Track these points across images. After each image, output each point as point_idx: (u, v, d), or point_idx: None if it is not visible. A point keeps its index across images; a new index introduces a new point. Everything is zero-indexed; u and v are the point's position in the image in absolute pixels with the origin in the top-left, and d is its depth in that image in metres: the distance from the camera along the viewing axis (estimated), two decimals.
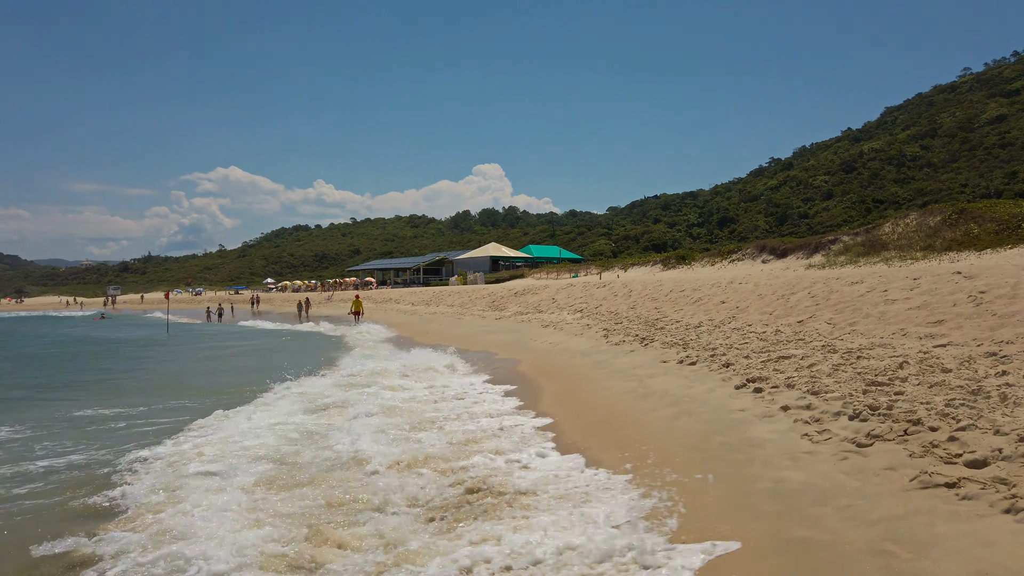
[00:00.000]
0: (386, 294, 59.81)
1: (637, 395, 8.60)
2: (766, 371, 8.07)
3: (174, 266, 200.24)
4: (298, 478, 6.35)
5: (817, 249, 36.12)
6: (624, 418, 7.51)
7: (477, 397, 10.22)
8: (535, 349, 15.61)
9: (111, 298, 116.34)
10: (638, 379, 9.50)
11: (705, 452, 5.78)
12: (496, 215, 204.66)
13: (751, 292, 15.97)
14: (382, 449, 7.06)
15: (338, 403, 10.14)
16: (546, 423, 8.03)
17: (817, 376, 7.25)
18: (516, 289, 38.72)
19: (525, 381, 11.27)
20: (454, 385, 11.55)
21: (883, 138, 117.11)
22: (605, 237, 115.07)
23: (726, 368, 8.79)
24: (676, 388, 8.43)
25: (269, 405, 10.32)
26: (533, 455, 6.52)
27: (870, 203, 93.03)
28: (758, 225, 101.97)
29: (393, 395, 10.67)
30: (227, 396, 11.68)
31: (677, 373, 9.30)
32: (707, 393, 7.76)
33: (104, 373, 17.39)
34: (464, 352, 16.30)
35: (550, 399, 9.39)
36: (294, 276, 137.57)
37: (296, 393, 11.28)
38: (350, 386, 11.85)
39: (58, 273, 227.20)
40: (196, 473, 6.56)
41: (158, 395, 12.30)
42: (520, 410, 8.97)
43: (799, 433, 5.69)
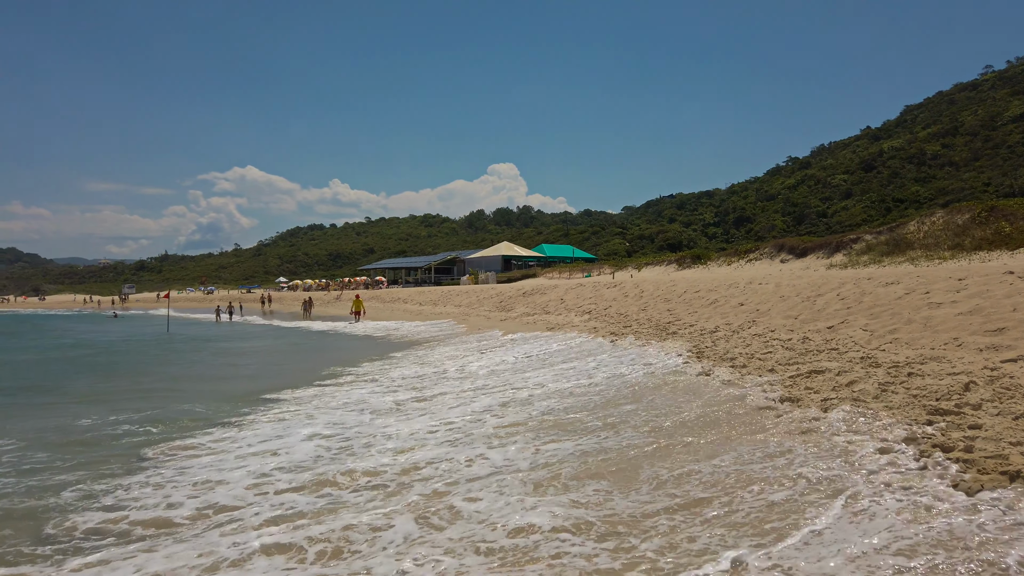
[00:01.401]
0: (395, 293, 58.79)
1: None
2: (796, 389, 6.75)
3: (190, 265, 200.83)
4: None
5: (838, 248, 34.76)
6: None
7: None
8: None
9: (124, 296, 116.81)
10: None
11: (729, 501, 4.47)
12: (510, 214, 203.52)
13: (772, 293, 14.60)
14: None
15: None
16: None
17: (862, 398, 5.92)
18: (525, 289, 37.46)
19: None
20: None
21: (903, 136, 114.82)
22: (619, 236, 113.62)
23: (751, 376, 7.48)
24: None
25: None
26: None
27: (890, 202, 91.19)
28: (775, 224, 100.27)
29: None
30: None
31: (696, 383, 8.01)
32: (727, 414, 6.46)
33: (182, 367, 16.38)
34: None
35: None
36: (308, 275, 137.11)
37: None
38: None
39: (76, 272, 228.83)
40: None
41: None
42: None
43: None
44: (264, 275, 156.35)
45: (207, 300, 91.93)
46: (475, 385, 10.84)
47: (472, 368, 13.02)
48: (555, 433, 6.90)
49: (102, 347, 27.46)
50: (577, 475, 5.37)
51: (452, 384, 11.19)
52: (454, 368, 13.22)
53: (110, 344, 28.96)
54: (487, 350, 16.31)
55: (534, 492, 5.09)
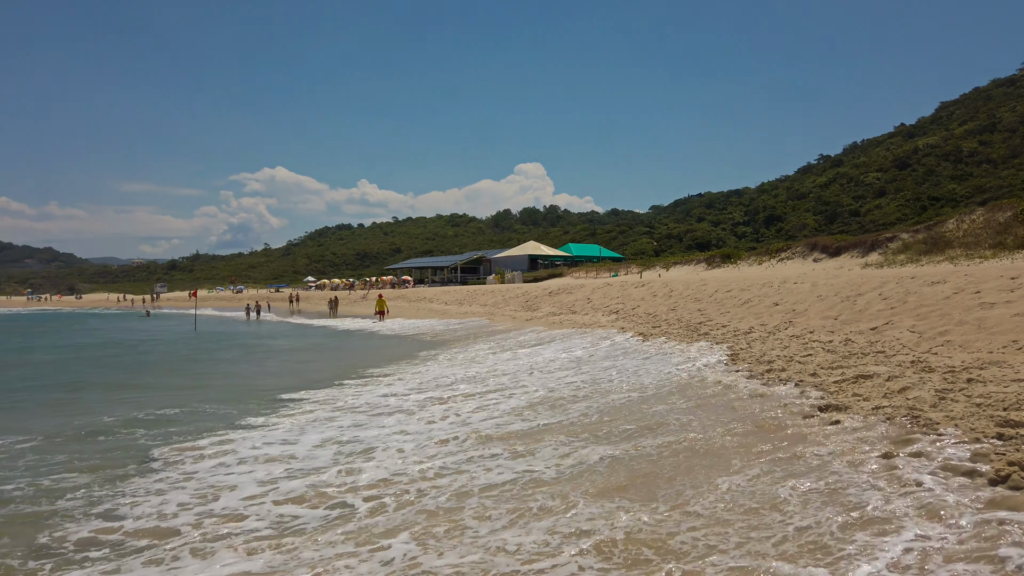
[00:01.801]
0: (421, 293, 58.64)
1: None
2: (843, 395, 6.23)
3: (220, 264, 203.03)
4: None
5: (873, 247, 33.92)
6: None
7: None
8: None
9: (156, 295, 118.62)
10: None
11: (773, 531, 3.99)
12: (537, 214, 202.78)
13: (809, 293, 13.98)
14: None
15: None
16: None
17: (919, 407, 5.38)
18: (551, 288, 36.99)
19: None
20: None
21: (938, 133, 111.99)
22: (647, 236, 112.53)
23: (787, 385, 6.96)
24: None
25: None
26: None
27: (925, 201, 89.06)
28: (806, 224, 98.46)
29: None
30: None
31: (723, 393, 7.53)
32: (769, 425, 5.96)
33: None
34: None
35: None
36: (336, 275, 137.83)
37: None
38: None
39: (110, 271, 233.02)
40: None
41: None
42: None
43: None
44: (293, 274, 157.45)
45: (236, 299, 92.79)
46: (489, 387, 10.43)
47: (493, 368, 12.61)
48: (584, 440, 6.46)
49: (131, 346, 27.72)
50: (604, 490, 4.93)
51: (471, 386, 10.79)
52: (471, 372, 12.80)
53: (139, 343, 29.22)
54: (508, 350, 15.90)
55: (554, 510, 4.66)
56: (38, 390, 13.77)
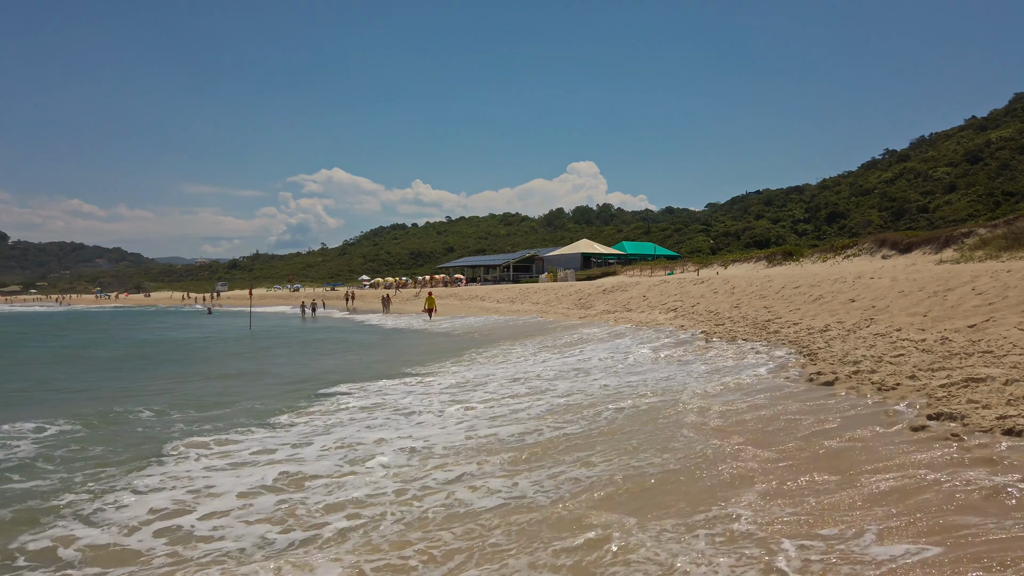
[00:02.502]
0: (472, 291, 58.40)
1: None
2: (954, 403, 5.33)
3: (279, 263, 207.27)
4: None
5: (948, 243, 32.26)
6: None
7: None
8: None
9: (217, 293, 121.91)
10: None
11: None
12: (590, 212, 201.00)
13: (889, 288, 12.88)
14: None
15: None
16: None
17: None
18: (605, 286, 36.08)
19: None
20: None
21: (1013, 126, 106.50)
22: (703, 234, 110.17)
23: (883, 393, 6.10)
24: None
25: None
26: None
27: (999, 196, 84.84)
28: (871, 220, 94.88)
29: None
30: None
31: (808, 398, 6.69)
32: (871, 439, 5.09)
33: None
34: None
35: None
36: (390, 273, 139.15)
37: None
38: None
39: (174, 270, 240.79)
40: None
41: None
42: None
43: None
44: (348, 273, 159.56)
45: (293, 297, 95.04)
46: (520, 391, 9.75)
47: (530, 369, 11.91)
48: (628, 456, 5.71)
49: (185, 342, 28.18)
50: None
51: (501, 389, 10.14)
52: (509, 371, 12.10)
53: (193, 340, 29.74)
54: (552, 349, 15.17)
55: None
56: (84, 387, 13.75)
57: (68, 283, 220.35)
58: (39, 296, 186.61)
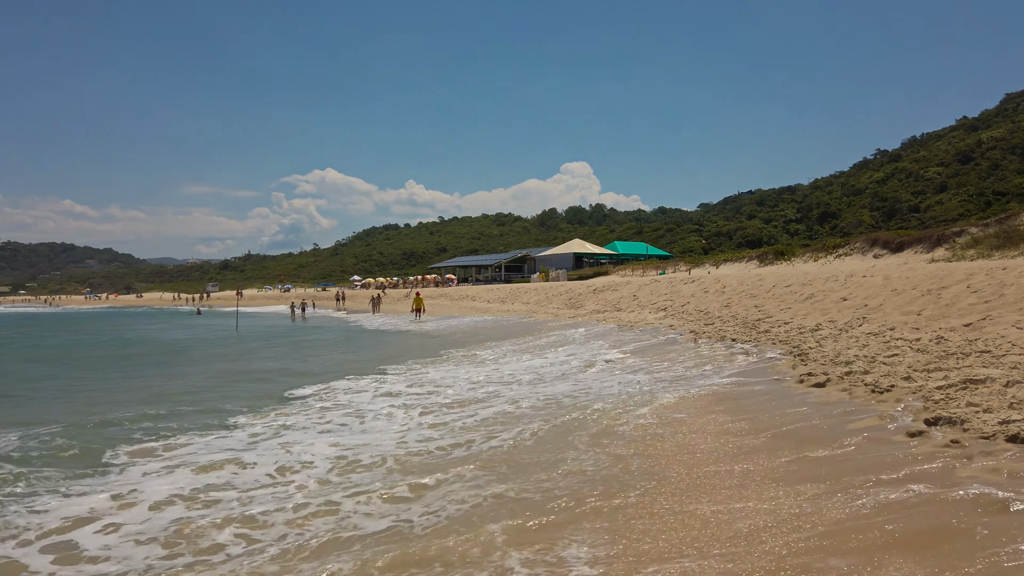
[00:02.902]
0: (463, 291, 58.02)
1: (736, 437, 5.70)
2: (953, 406, 4.96)
3: (271, 264, 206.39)
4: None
5: (940, 242, 32.08)
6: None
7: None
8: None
9: (207, 294, 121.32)
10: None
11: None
12: (583, 213, 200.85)
13: (882, 287, 12.55)
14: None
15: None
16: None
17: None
18: (595, 286, 35.75)
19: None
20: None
21: (1004, 126, 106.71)
22: (696, 234, 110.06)
23: (877, 395, 5.74)
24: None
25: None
26: None
27: (990, 195, 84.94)
28: (863, 220, 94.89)
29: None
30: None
31: (803, 397, 6.34)
32: (865, 447, 4.74)
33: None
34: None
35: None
36: (383, 273, 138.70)
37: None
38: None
39: (166, 271, 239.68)
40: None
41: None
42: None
43: None
44: (341, 274, 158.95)
45: (284, 298, 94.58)
46: (467, 397, 9.43)
47: (492, 373, 11.53)
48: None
49: (168, 343, 27.77)
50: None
51: (451, 394, 9.81)
52: (473, 375, 11.71)
53: (177, 341, 29.32)
54: (524, 352, 14.77)
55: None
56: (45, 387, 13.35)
57: (58, 284, 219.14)
58: (28, 297, 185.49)
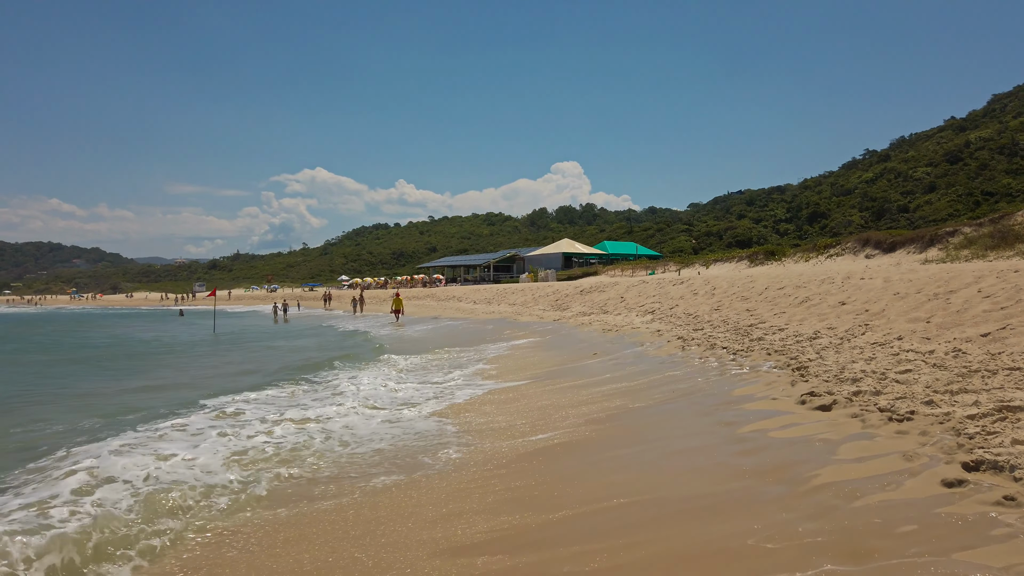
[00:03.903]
0: (451, 291, 57.07)
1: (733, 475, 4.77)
2: (996, 444, 4.01)
3: (259, 264, 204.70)
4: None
5: (933, 242, 31.44)
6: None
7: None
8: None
9: (193, 294, 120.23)
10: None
11: None
12: (573, 212, 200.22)
13: (882, 290, 11.69)
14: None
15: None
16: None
17: None
18: (583, 287, 34.85)
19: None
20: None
21: (992, 126, 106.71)
22: (685, 233, 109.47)
23: (895, 424, 4.81)
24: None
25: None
26: None
27: (979, 196, 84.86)
28: (852, 220, 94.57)
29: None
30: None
31: (806, 423, 5.42)
32: (893, 503, 3.78)
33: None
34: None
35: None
36: (372, 273, 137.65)
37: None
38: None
39: (154, 270, 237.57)
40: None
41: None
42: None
43: None
44: (330, 273, 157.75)
45: (270, 298, 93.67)
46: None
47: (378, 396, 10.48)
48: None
49: (135, 345, 26.92)
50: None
51: (310, 414, 8.94)
52: (352, 393, 10.82)
53: (145, 342, 28.53)
54: (455, 367, 13.73)
55: None
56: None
57: (44, 283, 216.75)
58: (12, 297, 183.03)
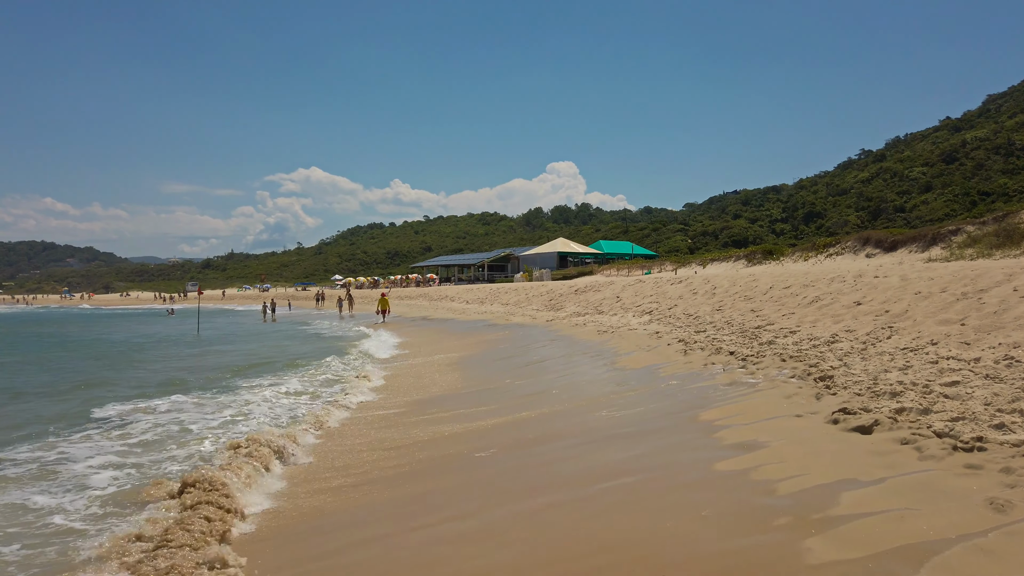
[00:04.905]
0: (444, 291, 56.08)
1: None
2: None
3: (253, 263, 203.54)
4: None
5: (935, 241, 30.61)
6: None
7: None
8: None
9: (184, 293, 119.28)
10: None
11: None
12: (568, 212, 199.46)
13: (900, 289, 10.75)
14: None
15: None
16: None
17: None
18: (578, 287, 33.88)
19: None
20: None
21: (987, 126, 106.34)
22: (681, 233, 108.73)
23: (961, 455, 3.85)
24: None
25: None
26: None
27: (975, 195, 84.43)
28: (848, 220, 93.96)
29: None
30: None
31: (842, 450, 4.46)
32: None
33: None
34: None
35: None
36: (366, 273, 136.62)
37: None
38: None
39: (147, 270, 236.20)
40: None
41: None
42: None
43: None
44: (324, 273, 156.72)
45: (262, 297, 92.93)
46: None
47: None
48: None
49: (108, 345, 26.18)
50: None
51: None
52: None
53: (121, 342, 27.91)
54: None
55: None
56: None
57: (36, 283, 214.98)
58: (4, 296, 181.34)
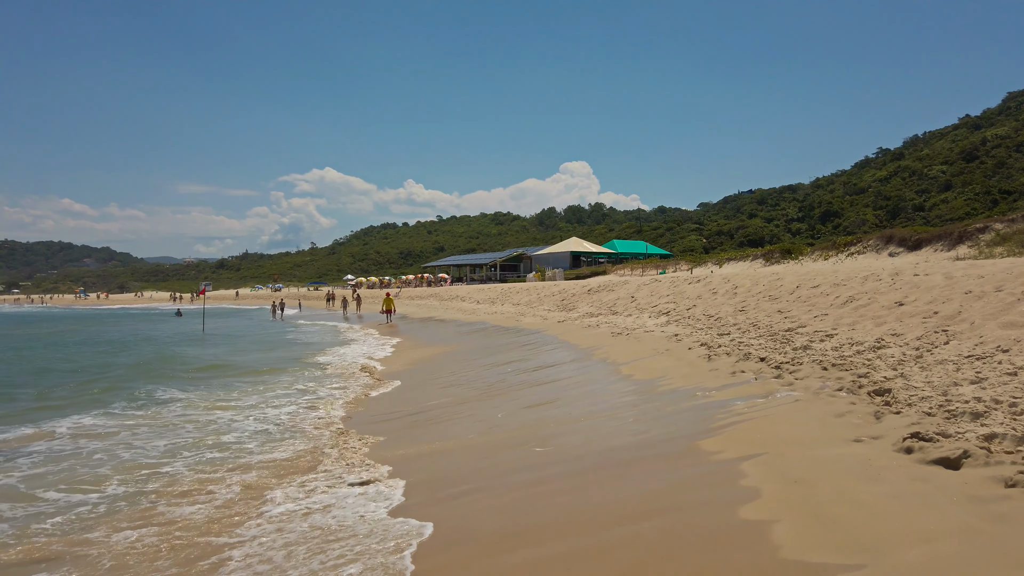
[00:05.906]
0: (455, 291, 55.26)
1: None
2: None
3: (267, 263, 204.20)
4: None
5: (962, 239, 29.48)
6: None
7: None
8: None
9: (193, 294, 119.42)
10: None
11: None
12: (582, 212, 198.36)
13: (946, 288, 9.73)
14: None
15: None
16: None
17: None
18: (591, 286, 32.91)
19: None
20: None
21: (1008, 124, 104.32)
22: (696, 232, 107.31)
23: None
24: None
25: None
26: None
27: (996, 194, 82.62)
28: (866, 219, 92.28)
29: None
30: None
31: (928, 493, 3.48)
32: None
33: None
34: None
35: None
36: (379, 273, 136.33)
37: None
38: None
39: (162, 270, 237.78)
40: None
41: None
42: None
43: None
44: (337, 273, 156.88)
45: (272, 297, 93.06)
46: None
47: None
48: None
49: (102, 344, 25.81)
50: None
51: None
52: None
53: (115, 341, 27.86)
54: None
55: None
56: None
57: (52, 283, 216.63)
58: (19, 296, 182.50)
